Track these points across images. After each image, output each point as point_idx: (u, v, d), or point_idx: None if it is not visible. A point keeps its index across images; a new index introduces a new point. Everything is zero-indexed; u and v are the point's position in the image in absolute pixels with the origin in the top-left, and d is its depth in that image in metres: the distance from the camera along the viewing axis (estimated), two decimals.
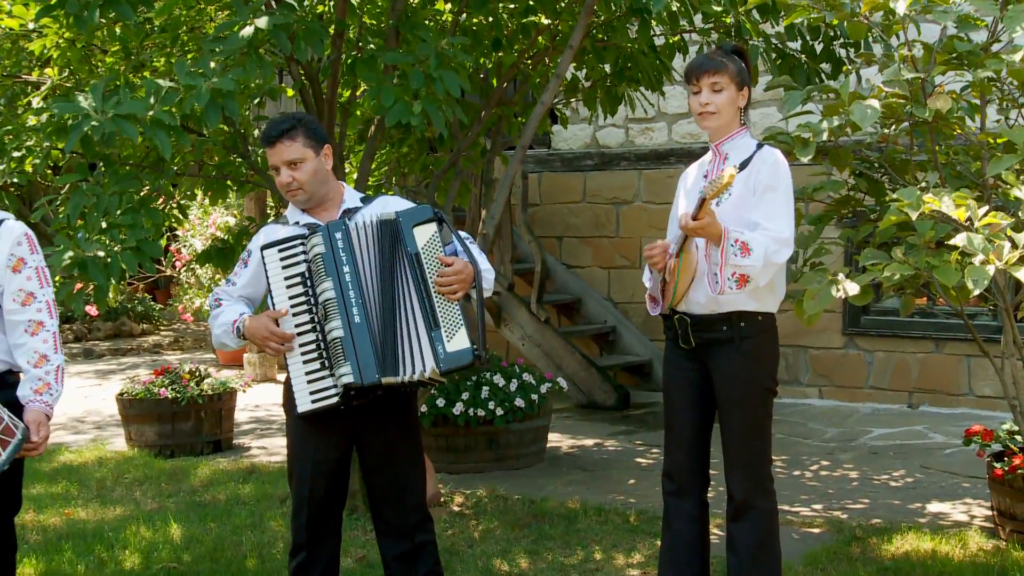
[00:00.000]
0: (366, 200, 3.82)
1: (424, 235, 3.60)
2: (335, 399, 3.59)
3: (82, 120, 4.24)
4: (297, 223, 3.75)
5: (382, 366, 3.55)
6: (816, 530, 5.54)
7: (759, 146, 3.86)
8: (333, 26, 5.36)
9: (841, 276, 3.98)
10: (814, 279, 4.04)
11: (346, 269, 3.57)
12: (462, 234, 3.75)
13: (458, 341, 3.55)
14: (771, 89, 5.08)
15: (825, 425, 8.19)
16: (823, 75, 5.80)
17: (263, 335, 3.62)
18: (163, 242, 4.97)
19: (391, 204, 3.78)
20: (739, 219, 3.73)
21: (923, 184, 4.21)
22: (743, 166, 3.77)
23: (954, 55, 4.30)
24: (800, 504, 6.04)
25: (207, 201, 7.35)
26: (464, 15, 5.89)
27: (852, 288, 3.91)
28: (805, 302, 4.02)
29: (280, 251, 3.63)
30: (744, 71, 3.87)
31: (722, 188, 3.53)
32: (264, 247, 3.66)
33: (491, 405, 6.79)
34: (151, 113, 4.29)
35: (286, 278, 3.62)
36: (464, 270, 3.58)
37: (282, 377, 3.72)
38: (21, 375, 3.65)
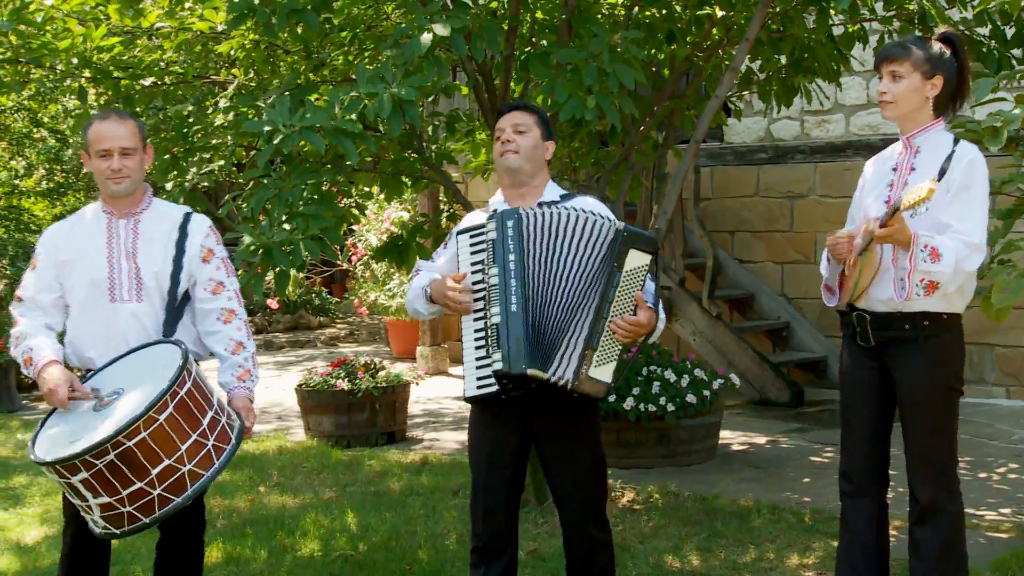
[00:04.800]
0: (565, 197, 3.84)
1: (635, 261, 3.59)
2: (495, 387, 3.60)
3: (270, 133, 4.41)
4: (495, 211, 3.78)
5: (531, 358, 3.54)
6: (1004, 535, 5.32)
7: (956, 142, 3.67)
8: (507, 22, 5.40)
9: None
10: (1003, 272, 3.86)
11: (511, 257, 3.59)
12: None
13: (603, 372, 3.58)
14: None
15: (1013, 426, 7.86)
16: (1015, 62, 5.54)
17: (444, 292, 3.70)
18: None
19: (589, 204, 3.79)
20: (930, 220, 3.57)
21: None
22: (941, 173, 3.57)
23: None
24: (987, 507, 5.80)
25: (382, 196, 7.50)
26: (637, 8, 5.85)
27: None
28: (993, 295, 3.84)
29: (471, 236, 3.72)
30: (936, 59, 3.67)
31: (919, 201, 3.38)
32: (459, 232, 3.77)
33: (662, 401, 6.74)
34: (334, 123, 4.43)
35: (472, 263, 3.69)
36: (647, 325, 3.61)
37: (454, 370, 3.76)
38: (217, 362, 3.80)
